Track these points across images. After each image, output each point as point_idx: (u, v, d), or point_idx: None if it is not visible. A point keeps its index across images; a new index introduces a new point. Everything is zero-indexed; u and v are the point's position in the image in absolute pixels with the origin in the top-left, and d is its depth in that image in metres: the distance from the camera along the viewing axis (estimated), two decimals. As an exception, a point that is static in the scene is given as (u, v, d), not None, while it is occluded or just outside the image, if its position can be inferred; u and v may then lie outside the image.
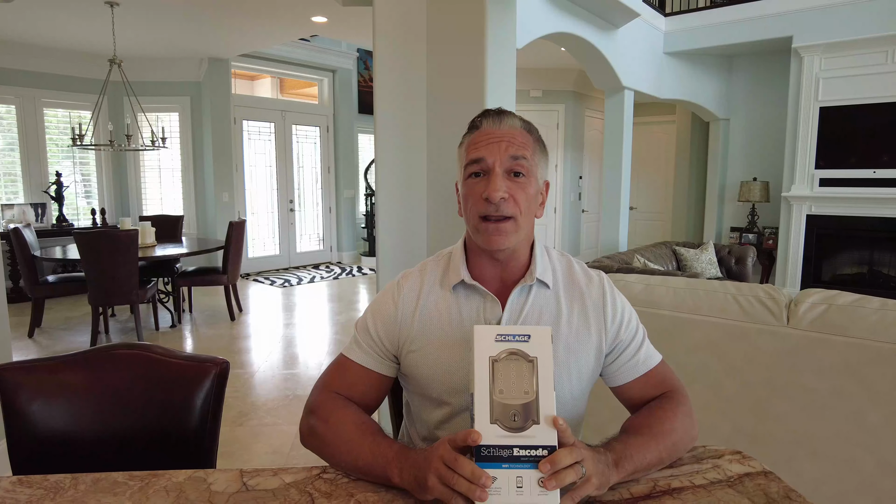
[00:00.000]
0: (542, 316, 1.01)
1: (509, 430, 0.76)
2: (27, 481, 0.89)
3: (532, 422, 0.76)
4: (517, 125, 1.00)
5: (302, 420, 1.01)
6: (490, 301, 1.01)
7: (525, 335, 0.79)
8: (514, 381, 0.77)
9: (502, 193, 0.94)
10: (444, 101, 2.33)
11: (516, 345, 0.79)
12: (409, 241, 2.44)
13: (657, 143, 7.94)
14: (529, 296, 1.02)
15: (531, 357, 0.78)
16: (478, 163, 0.97)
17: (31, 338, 4.48)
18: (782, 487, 0.88)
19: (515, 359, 0.78)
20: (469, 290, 1.03)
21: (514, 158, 0.96)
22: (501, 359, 0.78)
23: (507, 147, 0.96)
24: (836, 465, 1.87)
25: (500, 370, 0.77)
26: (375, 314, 1.07)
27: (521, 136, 0.98)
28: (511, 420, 0.76)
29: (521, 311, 1.01)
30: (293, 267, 7.76)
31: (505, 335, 0.79)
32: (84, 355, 1.22)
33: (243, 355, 4.12)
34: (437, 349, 1.00)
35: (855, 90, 5.26)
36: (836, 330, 1.86)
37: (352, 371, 1.05)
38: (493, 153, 0.96)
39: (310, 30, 5.44)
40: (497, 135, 0.97)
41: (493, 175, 0.95)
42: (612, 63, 4.98)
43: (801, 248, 5.71)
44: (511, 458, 0.75)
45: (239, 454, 2.64)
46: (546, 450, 0.75)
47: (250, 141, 7.19)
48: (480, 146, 0.98)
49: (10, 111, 5.90)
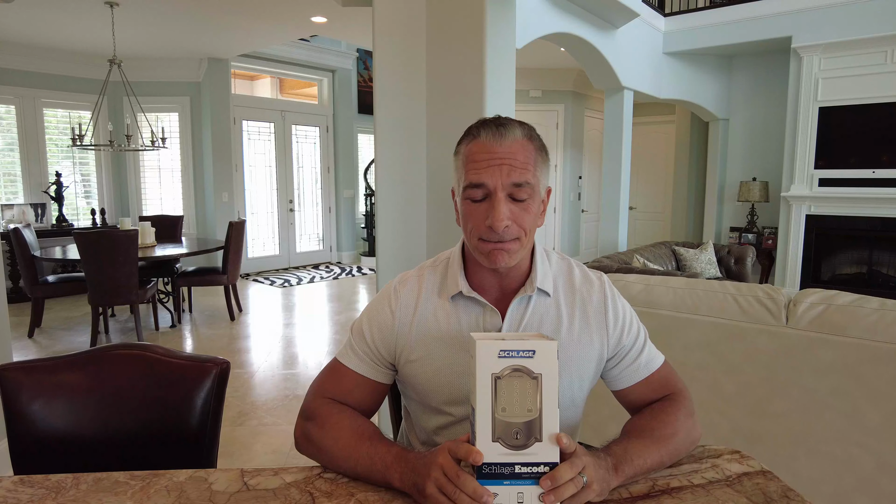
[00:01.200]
0: (542, 325, 1.00)
1: (511, 447, 0.74)
2: (28, 481, 0.90)
3: (535, 439, 0.75)
4: (518, 136, 0.93)
5: (297, 425, 1.00)
6: (489, 312, 0.99)
7: (530, 351, 0.75)
8: (517, 398, 0.74)
9: (506, 223, 0.91)
10: (443, 101, 2.33)
11: (520, 360, 0.75)
12: (409, 241, 2.44)
13: (656, 143, 7.94)
14: (529, 305, 1.00)
15: (535, 374, 0.75)
16: (479, 187, 0.92)
17: (31, 338, 4.48)
18: (781, 487, 0.88)
19: (519, 375, 0.75)
20: (468, 301, 1.00)
21: (517, 185, 0.91)
22: (504, 376, 0.74)
23: (509, 172, 0.91)
24: (834, 465, 1.88)
25: (502, 387, 0.74)
26: (372, 321, 1.04)
27: (522, 154, 0.92)
28: (513, 438, 0.74)
29: (520, 322, 0.99)
30: (293, 267, 7.76)
31: (508, 351, 0.75)
32: (84, 355, 1.22)
33: (243, 355, 4.12)
34: (436, 360, 0.99)
35: (854, 90, 5.26)
36: (834, 330, 1.86)
37: (347, 377, 1.03)
38: (495, 177, 0.91)
39: (309, 30, 5.44)
40: (498, 155, 0.91)
41: (495, 201, 0.91)
42: (612, 63, 4.98)
43: (800, 248, 5.72)
44: (512, 474, 0.75)
45: (239, 454, 2.65)
46: (548, 466, 0.75)
47: (250, 141, 7.19)
48: (481, 168, 0.92)
49: (10, 111, 5.90)
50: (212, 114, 6.65)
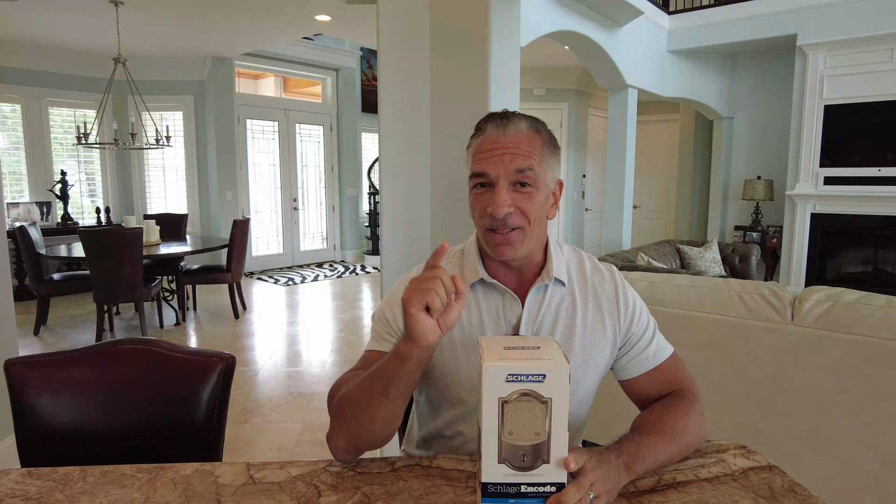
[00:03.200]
0: (559, 314, 1.01)
1: (518, 469, 0.74)
2: (36, 473, 0.90)
3: (542, 461, 0.74)
4: (523, 128, 0.95)
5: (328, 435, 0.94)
6: (510, 299, 1.00)
7: (540, 375, 0.71)
8: (524, 422, 0.73)
9: (507, 209, 0.92)
10: (448, 99, 2.33)
11: (529, 385, 0.72)
12: (413, 240, 2.44)
13: (660, 142, 7.92)
14: (546, 294, 1.01)
15: (545, 398, 0.72)
16: (481, 176, 0.95)
17: (37, 335, 4.50)
18: (787, 481, 0.88)
19: (528, 400, 0.72)
20: (488, 289, 1.02)
21: (520, 171, 0.93)
22: (512, 400, 0.72)
23: (510, 160, 0.93)
24: (840, 463, 1.87)
25: (510, 411, 0.72)
26: (393, 303, 1.04)
27: (526, 143, 0.94)
28: (520, 460, 0.74)
29: (539, 311, 1.01)
30: (296, 265, 7.77)
31: (517, 375, 0.72)
32: (91, 350, 1.22)
33: (247, 353, 4.13)
34: (455, 347, 1.00)
35: (860, 88, 5.24)
36: (840, 327, 1.86)
37: (369, 359, 1.02)
38: (497, 167, 0.93)
39: (313, 28, 5.44)
40: (501, 145, 0.93)
41: (497, 189, 0.93)
42: (616, 61, 4.97)
43: (805, 247, 5.69)
44: (518, 493, 0.74)
45: (243, 451, 2.65)
46: (554, 486, 0.74)
47: (254, 140, 7.21)
48: (483, 158, 0.94)
49: (16, 110, 5.92)
50: (216, 112, 6.67)
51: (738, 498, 0.84)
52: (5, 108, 5.85)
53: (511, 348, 0.76)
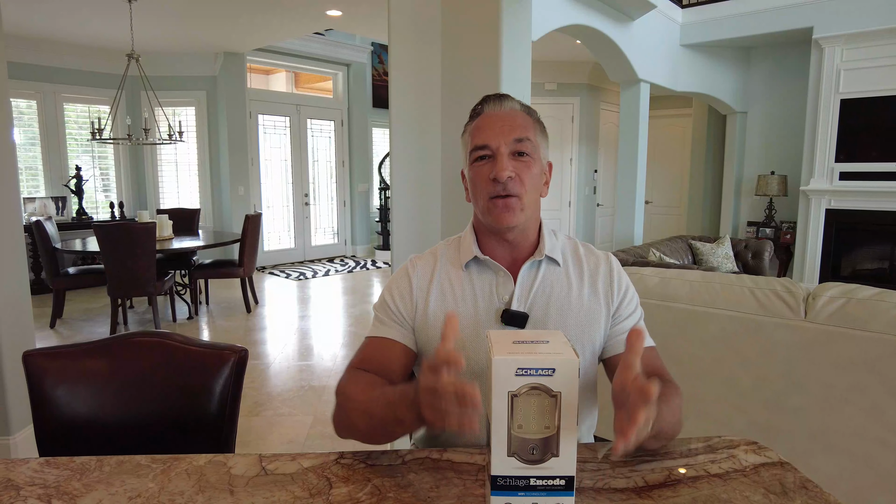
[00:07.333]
0: (552, 290, 1.04)
1: (527, 462, 0.74)
2: (54, 462, 0.92)
3: (551, 455, 0.74)
4: (517, 107, 1.05)
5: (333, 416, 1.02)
6: (502, 276, 1.05)
7: (550, 369, 0.71)
8: (534, 416, 0.73)
9: (509, 173, 0.98)
10: (459, 94, 2.33)
11: (539, 379, 0.72)
12: (424, 236, 2.44)
13: (673, 137, 7.85)
14: (539, 271, 1.06)
15: (554, 392, 0.72)
16: (483, 148, 1.01)
17: (53, 328, 4.57)
18: (798, 478, 0.87)
19: (537, 394, 0.72)
20: (481, 266, 1.07)
21: (518, 140, 1.00)
22: (522, 394, 0.72)
23: (510, 130, 1.01)
24: (853, 461, 1.85)
25: (519, 405, 0.72)
26: (392, 290, 1.10)
27: (521, 118, 1.03)
28: (529, 453, 0.74)
29: (531, 287, 1.04)
30: (308, 260, 7.81)
31: (527, 369, 0.71)
32: (106, 343, 1.24)
33: (259, 346, 4.16)
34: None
35: (877, 82, 5.15)
36: (855, 324, 1.84)
37: (372, 345, 1.07)
38: (497, 137, 1.00)
39: (324, 23, 5.45)
40: (499, 117, 1.02)
41: (498, 156, 1.00)
42: (628, 55, 4.92)
43: (819, 243, 5.62)
44: (527, 486, 0.75)
45: (255, 444, 2.68)
46: (564, 479, 0.75)
47: (265, 135, 7.24)
48: (484, 131, 1.02)
49: (32, 106, 6.00)
50: (228, 108, 6.71)
51: (748, 493, 0.83)
52: (21, 104, 5.93)
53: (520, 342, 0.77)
